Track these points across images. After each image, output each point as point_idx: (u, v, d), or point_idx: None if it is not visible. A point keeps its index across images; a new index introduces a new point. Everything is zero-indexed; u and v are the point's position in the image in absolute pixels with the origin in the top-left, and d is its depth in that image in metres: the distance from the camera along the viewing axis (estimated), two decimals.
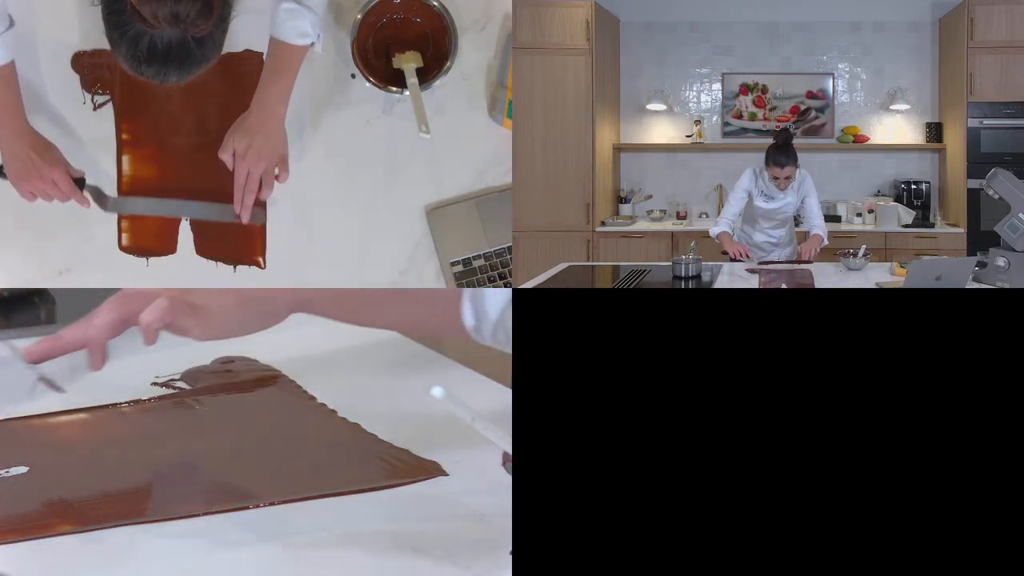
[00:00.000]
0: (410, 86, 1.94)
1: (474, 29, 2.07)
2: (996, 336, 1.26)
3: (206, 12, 1.52)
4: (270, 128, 1.87)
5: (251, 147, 1.86)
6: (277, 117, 1.87)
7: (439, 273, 2.04)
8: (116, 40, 1.56)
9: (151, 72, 1.57)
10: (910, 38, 4.94)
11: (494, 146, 2.06)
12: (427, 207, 2.04)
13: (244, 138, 1.86)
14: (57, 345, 1.32)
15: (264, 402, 1.63)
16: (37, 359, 1.32)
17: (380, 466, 1.43)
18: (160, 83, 1.59)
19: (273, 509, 1.31)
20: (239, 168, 1.88)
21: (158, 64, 1.56)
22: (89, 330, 1.32)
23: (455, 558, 1.22)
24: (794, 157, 3.47)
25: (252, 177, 1.88)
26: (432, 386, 1.27)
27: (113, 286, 1.98)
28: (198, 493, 1.36)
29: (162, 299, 1.33)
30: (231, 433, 1.52)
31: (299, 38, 1.83)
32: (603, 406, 1.28)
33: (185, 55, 1.56)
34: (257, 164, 1.87)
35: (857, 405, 1.26)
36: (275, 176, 1.91)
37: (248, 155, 1.86)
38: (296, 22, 1.81)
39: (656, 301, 1.29)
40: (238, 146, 1.86)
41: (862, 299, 1.28)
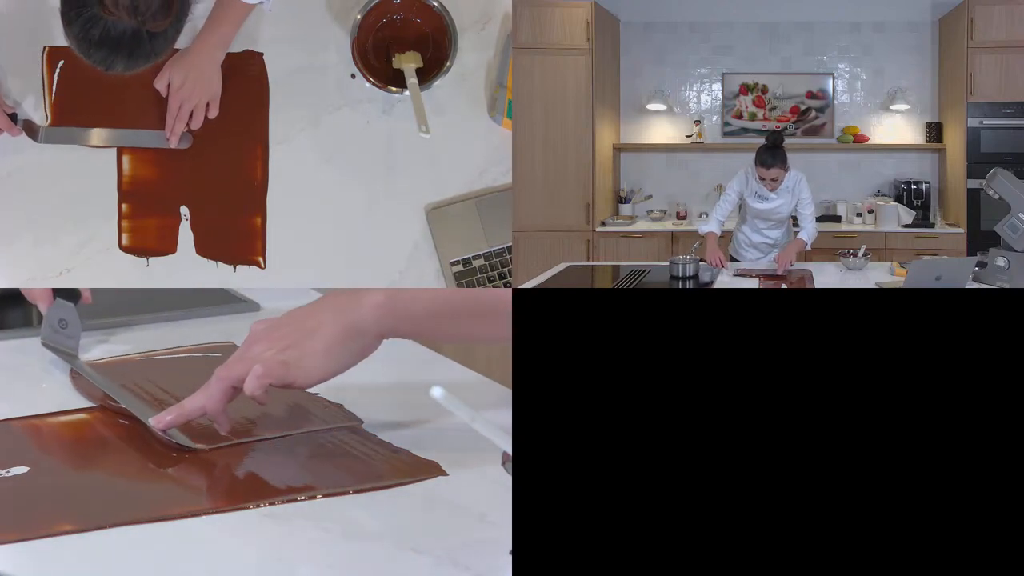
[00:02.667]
0: (410, 86, 1.94)
1: (474, 29, 2.07)
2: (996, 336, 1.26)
3: (166, 7, 1.53)
4: (206, 67, 1.96)
5: (185, 83, 1.96)
6: (214, 60, 1.97)
7: (439, 273, 2.04)
8: (71, 19, 1.55)
9: (98, 57, 1.57)
10: (910, 38, 4.94)
11: (494, 146, 2.06)
12: (427, 207, 2.04)
13: (180, 73, 1.96)
14: (183, 415, 1.44)
15: None
16: (164, 427, 1.45)
17: (380, 466, 1.43)
18: (105, 70, 1.59)
19: (273, 509, 1.31)
20: (172, 99, 1.97)
21: (107, 50, 1.56)
22: (208, 401, 1.43)
23: (455, 558, 1.22)
24: (782, 159, 3.44)
25: (183, 109, 1.97)
26: (432, 386, 1.27)
27: (113, 286, 1.99)
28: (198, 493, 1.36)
29: (257, 367, 1.40)
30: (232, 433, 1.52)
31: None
32: (603, 406, 1.28)
33: (136, 47, 1.56)
34: (189, 98, 1.97)
35: (857, 405, 1.26)
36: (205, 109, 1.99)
37: (183, 89, 1.96)
38: None
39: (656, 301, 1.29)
40: (174, 79, 1.96)
41: (862, 299, 1.28)
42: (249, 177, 2.02)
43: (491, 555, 1.23)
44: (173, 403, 1.48)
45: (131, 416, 1.52)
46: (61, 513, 1.29)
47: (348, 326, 1.43)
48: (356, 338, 1.43)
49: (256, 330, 1.46)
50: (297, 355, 1.42)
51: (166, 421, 1.44)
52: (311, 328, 1.43)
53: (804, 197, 3.56)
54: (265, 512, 1.31)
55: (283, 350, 1.42)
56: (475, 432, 1.21)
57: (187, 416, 1.43)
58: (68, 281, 1.98)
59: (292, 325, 1.44)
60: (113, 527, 1.26)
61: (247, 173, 2.02)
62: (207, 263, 2.01)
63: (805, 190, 3.56)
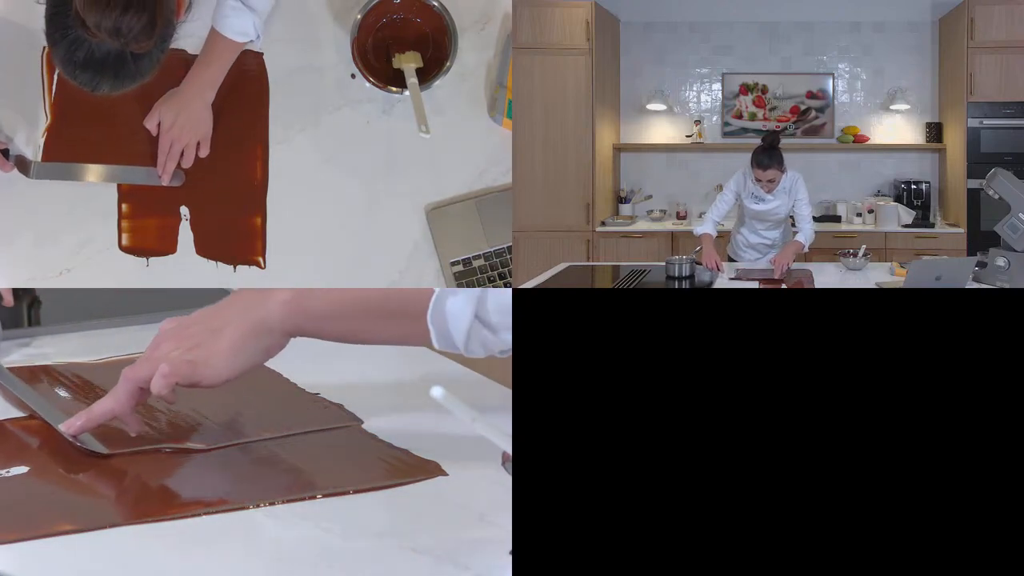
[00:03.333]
0: (410, 86, 1.94)
1: (474, 29, 2.07)
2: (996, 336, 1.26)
3: (149, 29, 1.52)
4: (196, 107, 1.97)
5: (176, 122, 1.97)
6: (204, 99, 1.97)
7: (439, 273, 2.04)
8: (56, 40, 1.55)
9: (84, 79, 1.57)
10: (910, 38, 4.94)
11: (494, 146, 2.06)
12: (427, 207, 2.04)
13: (171, 112, 1.97)
14: (91, 419, 1.43)
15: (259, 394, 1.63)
16: (76, 433, 1.43)
17: (380, 466, 1.43)
18: (91, 92, 1.59)
19: (273, 509, 1.31)
20: (163, 139, 1.98)
21: (92, 72, 1.56)
22: (115, 404, 1.42)
23: (455, 558, 1.22)
24: (779, 160, 3.40)
25: (174, 148, 1.98)
26: (432, 386, 1.27)
27: (113, 286, 1.99)
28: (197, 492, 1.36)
29: (163, 366, 1.40)
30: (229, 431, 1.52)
31: (239, 36, 1.92)
32: (603, 406, 1.28)
33: (121, 68, 1.56)
34: (180, 138, 1.97)
35: (857, 405, 1.26)
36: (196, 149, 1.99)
37: (173, 129, 1.97)
38: (238, 20, 1.90)
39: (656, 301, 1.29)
40: (164, 119, 1.97)
41: (862, 299, 1.28)
42: (249, 177, 2.02)
43: (491, 555, 1.23)
44: None
45: None
46: (61, 513, 1.29)
47: (254, 324, 1.42)
48: (262, 336, 1.43)
49: (164, 330, 1.46)
50: (204, 354, 1.41)
51: (76, 426, 1.42)
52: (217, 327, 1.43)
53: (801, 198, 3.52)
54: (265, 512, 1.31)
55: (190, 349, 1.42)
56: (475, 432, 1.21)
57: (96, 420, 1.43)
58: (68, 281, 1.99)
59: (199, 324, 1.44)
60: (113, 527, 1.26)
61: (247, 173, 2.02)
62: (207, 263, 2.01)
63: (802, 191, 3.52)
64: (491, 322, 1.42)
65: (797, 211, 3.55)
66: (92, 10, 1.49)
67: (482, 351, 1.46)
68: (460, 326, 1.42)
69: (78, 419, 1.43)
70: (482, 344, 1.44)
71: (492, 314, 1.42)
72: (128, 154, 2.00)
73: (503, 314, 1.43)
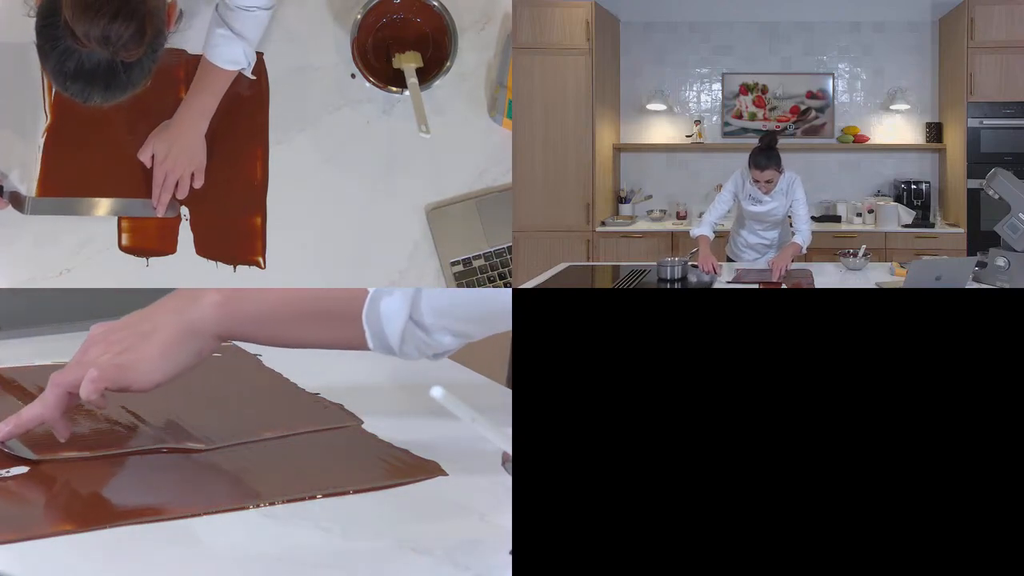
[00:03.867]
0: (410, 86, 1.95)
1: (474, 29, 2.07)
2: (996, 336, 1.26)
3: (138, 37, 1.52)
4: (190, 139, 1.96)
5: (170, 154, 1.96)
6: (197, 129, 1.96)
7: (439, 273, 2.04)
8: (47, 52, 1.55)
9: (75, 89, 1.57)
10: (910, 38, 4.94)
11: (494, 146, 2.06)
12: (427, 207, 2.04)
13: (164, 144, 1.95)
14: (20, 424, 1.40)
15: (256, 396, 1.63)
16: (3, 439, 1.41)
17: (380, 466, 1.43)
18: (83, 102, 1.59)
19: (273, 509, 1.31)
20: (157, 171, 1.97)
21: (83, 83, 1.56)
22: (44, 409, 1.40)
23: (455, 558, 1.22)
24: (776, 161, 3.37)
25: (169, 180, 1.97)
26: (432, 386, 1.27)
27: (113, 286, 1.99)
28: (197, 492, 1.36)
29: (92, 371, 1.38)
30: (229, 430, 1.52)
31: (229, 64, 1.91)
32: (603, 406, 1.28)
33: (112, 78, 1.56)
34: (174, 170, 1.96)
35: (857, 405, 1.26)
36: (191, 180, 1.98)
37: (166, 161, 1.96)
38: (228, 49, 1.89)
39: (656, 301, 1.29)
40: (158, 151, 1.96)
41: (862, 299, 1.28)
42: (249, 177, 2.02)
43: (491, 555, 1.23)
44: None
45: None
46: (61, 513, 1.29)
47: (185, 327, 1.41)
48: (193, 339, 1.42)
49: (93, 334, 1.45)
50: (133, 358, 1.40)
51: (4, 432, 1.40)
52: (147, 330, 1.42)
53: (798, 198, 3.47)
54: (265, 512, 1.31)
55: (119, 353, 1.40)
56: (475, 432, 1.21)
57: (25, 426, 1.40)
58: (68, 281, 1.99)
59: (129, 328, 1.43)
60: (113, 527, 1.26)
61: (247, 173, 2.02)
62: (207, 263, 2.01)
63: (799, 191, 3.48)
64: (424, 323, 1.42)
65: (795, 211, 3.51)
66: (81, 19, 1.49)
67: (416, 353, 1.45)
68: (394, 327, 1.42)
69: (7, 424, 1.40)
70: (416, 346, 1.44)
71: (426, 315, 1.41)
72: (129, 153, 2.00)
73: (438, 315, 1.42)
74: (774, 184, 3.42)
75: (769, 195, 3.47)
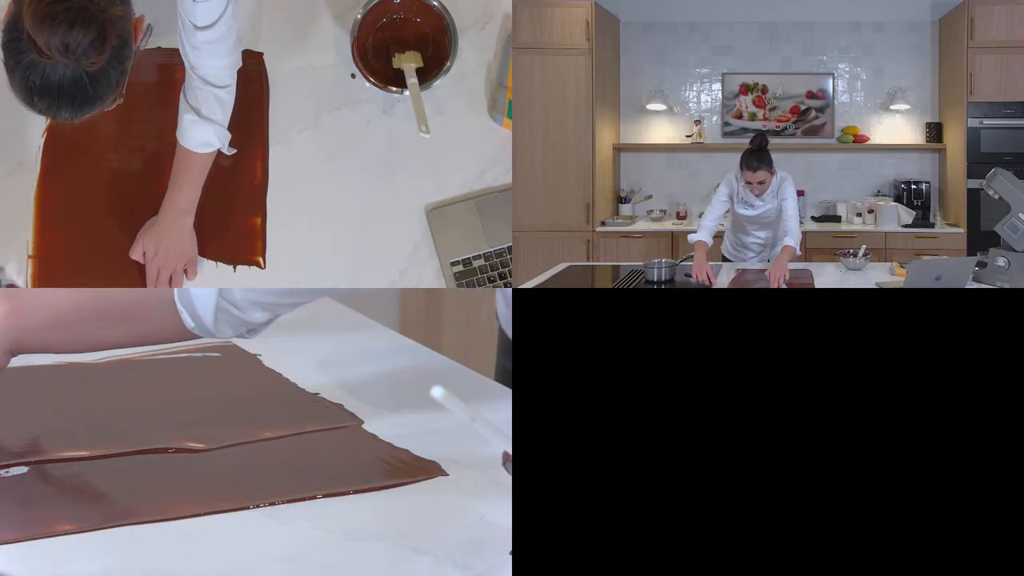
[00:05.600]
0: (410, 86, 1.95)
1: (474, 29, 2.07)
2: (996, 336, 1.26)
3: (98, 44, 1.51)
4: (177, 235, 1.95)
5: (158, 252, 1.95)
6: (183, 225, 1.95)
7: (439, 273, 2.04)
8: (12, 68, 1.54)
9: (43, 105, 1.55)
10: (910, 38, 4.94)
11: (494, 146, 2.06)
12: (427, 207, 2.04)
13: (152, 242, 1.95)
14: None
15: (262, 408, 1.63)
16: None
17: (380, 466, 1.43)
18: (52, 118, 1.58)
19: (273, 509, 1.32)
20: (150, 267, 1.96)
21: (50, 97, 1.54)
22: None
23: (455, 558, 1.22)
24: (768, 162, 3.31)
25: (162, 276, 1.96)
26: (432, 386, 1.27)
27: (113, 286, 1.98)
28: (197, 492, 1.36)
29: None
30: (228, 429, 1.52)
31: (202, 147, 1.91)
32: (603, 406, 1.28)
33: (78, 91, 1.55)
34: (165, 266, 1.95)
35: (857, 405, 1.26)
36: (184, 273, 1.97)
37: (156, 258, 1.95)
38: (198, 133, 1.89)
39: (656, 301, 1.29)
40: (147, 248, 1.95)
41: (862, 299, 1.28)
42: (249, 177, 2.02)
43: (491, 555, 1.23)
44: None
45: None
46: (61, 513, 1.29)
47: None
48: None
49: None
50: None
51: None
52: None
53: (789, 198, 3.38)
54: (265, 512, 1.31)
55: None
56: (475, 432, 1.21)
57: None
58: None
59: None
60: (113, 527, 1.26)
61: (247, 173, 2.02)
62: (207, 263, 2.01)
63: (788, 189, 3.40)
64: (235, 300, 1.45)
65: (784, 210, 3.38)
66: (40, 29, 1.48)
67: (231, 330, 1.48)
68: (207, 306, 1.44)
69: None
70: (230, 323, 1.46)
71: (236, 292, 1.45)
72: (127, 149, 1.99)
73: (246, 291, 1.46)
74: (767, 185, 3.36)
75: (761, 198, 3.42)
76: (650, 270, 3.19)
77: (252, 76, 2.02)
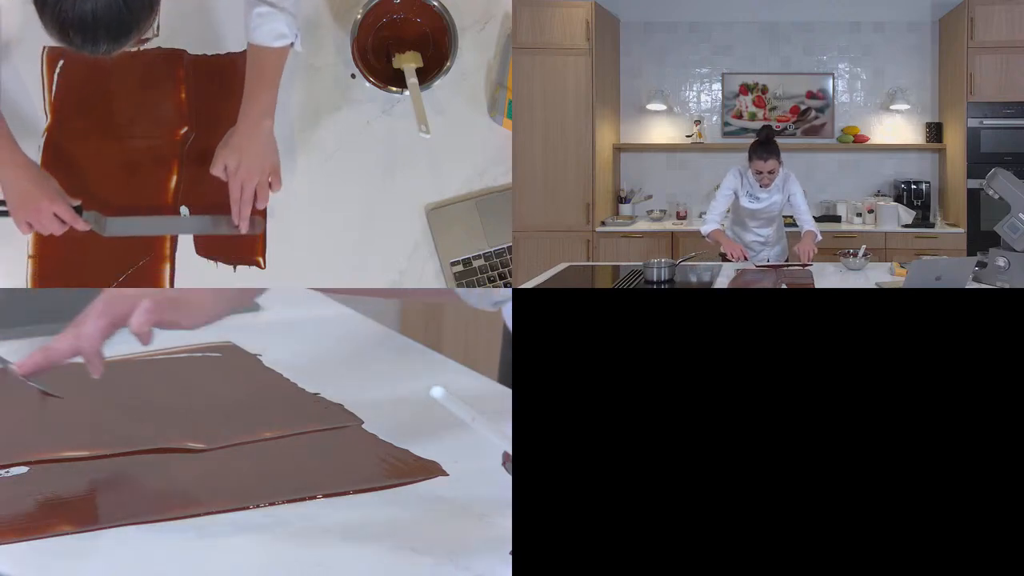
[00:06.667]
0: (410, 86, 1.95)
1: (474, 29, 2.07)
2: (996, 336, 1.26)
3: None
4: (258, 143, 1.88)
5: (241, 164, 1.87)
6: (264, 130, 1.88)
7: (439, 273, 2.04)
8: (41, 3, 1.45)
9: (79, 39, 1.47)
10: (910, 38, 4.94)
11: (494, 146, 2.06)
12: (427, 207, 2.04)
13: (234, 155, 1.87)
14: (48, 357, 1.33)
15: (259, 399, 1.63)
16: (29, 372, 1.34)
17: (380, 466, 1.43)
18: (91, 53, 1.50)
19: (273, 509, 1.32)
20: (232, 184, 1.89)
21: (86, 29, 1.46)
22: (80, 340, 1.33)
23: (455, 558, 1.22)
24: (776, 152, 3.47)
25: (246, 191, 1.89)
26: (432, 386, 1.27)
27: (113, 287, 1.98)
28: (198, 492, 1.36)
29: (146, 301, 1.33)
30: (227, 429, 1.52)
31: (276, 40, 1.82)
32: (603, 406, 1.28)
33: (114, 18, 1.45)
34: (249, 179, 1.88)
35: (857, 405, 1.26)
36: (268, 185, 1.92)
37: (239, 171, 1.88)
38: (271, 25, 1.81)
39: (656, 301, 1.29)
40: (229, 163, 1.88)
41: (862, 299, 1.28)
42: None
43: (491, 555, 1.23)
44: None
45: None
46: (61, 513, 1.29)
47: None
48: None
49: None
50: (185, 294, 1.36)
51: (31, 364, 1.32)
52: None
53: (797, 192, 3.58)
54: (265, 512, 1.31)
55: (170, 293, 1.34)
56: (475, 432, 1.21)
57: (54, 359, 1.33)
58: None
59: None
60: (113, 527, 1.26)
61: None
62: (207, 263, 2.01)
63: (796, 185, 3.58)
64: None
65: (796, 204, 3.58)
66: None
67: None
68: None
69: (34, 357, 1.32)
70: None
71: None
72: (128, 148, 1.99)
73: None
74: (775, 175, 3.50)
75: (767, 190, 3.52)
76: (650, 270, 3.20)
77: None
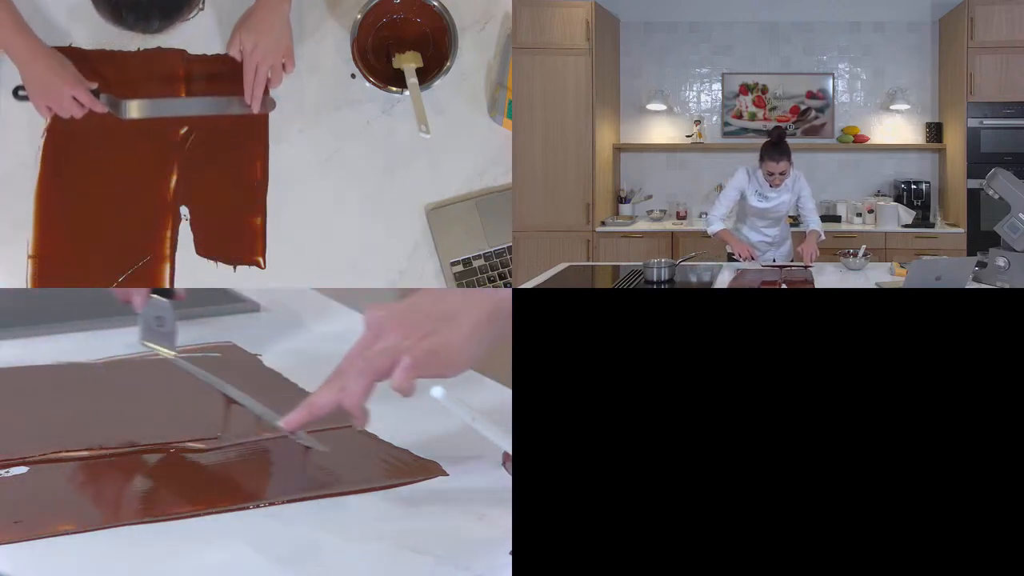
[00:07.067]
0: (410, 86, 1.95)
1: (474, 29, 2.07)
2: (996, 336, 1.26)
3: None
4: (274, 24, 1.91)
5: (258, 45, 1.91)
6: (281, 12, 1.91)
7: (439, 273, 2.04)
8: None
9: (132, 18, 1.51)
10: (910, 38, 4.94)
11: (494, 146, 2.06)
12: (427, 207, 2.04)
13: (250, 36, 1.91)
14: (312, 413, 1.34)
15: None
16: (295, 427, 1.35)
17: (380, 466, 1.43)
18: (143, 31, 1.53)
19: (273, 509, 1.31)
20: (247, 64, 1.93)
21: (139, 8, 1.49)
22: (344, 396, 1.32)
23: (455, 558, 1.22)
24: (788, 153, 3.49)
25: (260, 71, 1.93)
26: (432, 386, 1.27)
27: (113, 287, 1.99)
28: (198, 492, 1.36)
29: (405, 358, 1.30)
30: None
31: None
32: (603, 406, 1.28)
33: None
34: (264, 60, 1.92)
35: (857, 405, 1.26)
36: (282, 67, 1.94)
37: (255, 52, 1.92)
38: None
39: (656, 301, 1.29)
40: (245, 43, 1.91)
41: (862, 299, 1.28)
42: (249, 177, 2.02)
43: (491, 555, 1.23)
44: None
45: None
46: (61, 513, 1.29)
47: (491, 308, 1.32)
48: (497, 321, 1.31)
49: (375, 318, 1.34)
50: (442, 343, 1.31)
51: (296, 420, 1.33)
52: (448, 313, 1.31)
53: (805, 193, 3.64)
54: (265, 512, 1.31)
55: (425, 337, 1.30)
56: (475, 432, 1.21)
57: (318, 414, 1.33)
58: None
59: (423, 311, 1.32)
60: (113, 527, 1.26)
61: (247, 173, 2.02)
62: (207, 263, 2.01)
63: (805, 186, 3.63)
64: None
65: (803, 204, 3.64)
66: None
67: None
68: None
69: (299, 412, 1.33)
70: None
71: None
72: (130, 146, 1.99)
73: None
74: (787, 176, 3.53)
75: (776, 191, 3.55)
76: (650, 270, 3.20)
77: None
